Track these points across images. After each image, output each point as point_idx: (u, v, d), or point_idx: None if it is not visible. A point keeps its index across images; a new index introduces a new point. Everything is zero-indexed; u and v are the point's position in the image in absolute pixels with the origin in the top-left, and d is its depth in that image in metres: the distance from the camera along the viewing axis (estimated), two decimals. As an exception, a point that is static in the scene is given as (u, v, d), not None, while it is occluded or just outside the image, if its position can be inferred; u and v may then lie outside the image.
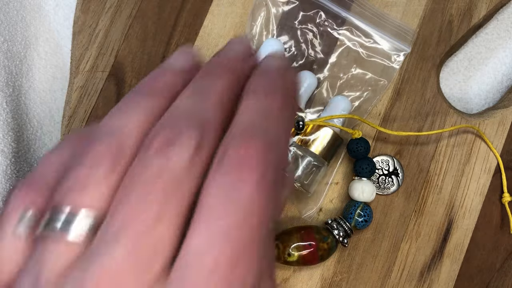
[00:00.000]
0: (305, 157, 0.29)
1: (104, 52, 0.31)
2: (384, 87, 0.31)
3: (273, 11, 0.31)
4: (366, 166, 0.29)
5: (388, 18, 0.31)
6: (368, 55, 0.31)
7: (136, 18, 0.31)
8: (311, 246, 0.28)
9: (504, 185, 0.31)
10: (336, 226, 0.29)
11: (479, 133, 0.31)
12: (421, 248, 0.30)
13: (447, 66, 0.34)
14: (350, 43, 0.31)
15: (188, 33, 0.31)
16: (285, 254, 0.28)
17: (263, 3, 0.31)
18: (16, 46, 0.29)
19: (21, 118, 0.29)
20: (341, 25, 0.31)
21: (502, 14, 0.34)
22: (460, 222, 0.31)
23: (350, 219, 0.29)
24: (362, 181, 0.29)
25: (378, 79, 0.31)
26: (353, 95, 0.31)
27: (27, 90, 0.30)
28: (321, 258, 0.28)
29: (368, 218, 0.29)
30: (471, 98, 0.35)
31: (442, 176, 0.31)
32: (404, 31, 0.31)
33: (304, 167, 0.29)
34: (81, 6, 0.31)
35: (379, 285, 0.30)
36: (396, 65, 0.31)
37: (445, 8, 0.32)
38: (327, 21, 0.31)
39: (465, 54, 0.35)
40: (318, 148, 0.29)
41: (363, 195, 0.29)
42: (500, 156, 0.31)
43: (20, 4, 0.30)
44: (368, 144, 0.29)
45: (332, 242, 0.29)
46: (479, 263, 0.31)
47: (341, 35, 0.31)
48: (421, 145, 0.31)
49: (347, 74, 0.31)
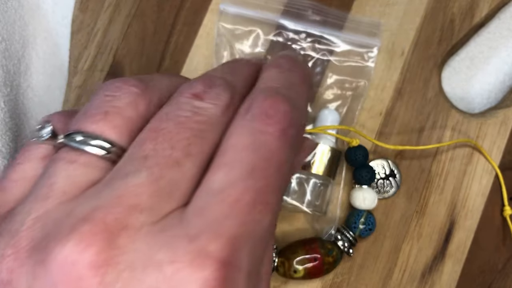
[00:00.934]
0: (309, 179, 0.28)
1: (102, 51, 0.30)
2: (366, 88, 0.30)
3: (236, 45, 0.30)
4: (366, 174, 0.29)
5: (349, 17, 0.31)
6: (340, 60, 0.31)
7: (135, 17, 0.31)
8: (316, 259, 0.28)
9: (504, 198, 0.30)
10: (340, 237, 0.29)
11: (476, 146, 0.31)
12: (422, 249, 0.30)
13: (448, 66, 0.34)
14: (319, 55, 0.31)
15: (187, 32, 0.31)
16: (291, 271, 0.28)
17: (224, 41, 0.30)
18: (14, 45, 0.29)
19: (19, 117, 0.29)
20: (305, 39, 0.31)
21: (504, 13, 0.34)
22: (462, 223, 0.30)
23: (355, 228, 0.29)
24: (363, 189, 0.29)
25: (356, 81, 0.30)
26: (337, 103, 0.30)
27: (25, 90, 0.30)
28: (326, 271, 0.28)
29: (372, 226, 0.29)
30: (473, 97, 0.35)
31: (443, 176, 0.31)
32: (369, 26, 0.30)
33: (312, 189, 0.28)
34: (79, 5, 0.30)
35: (380, 286, 0.30)
36: (371, 62, 0.30)
37: (446, 7, 0.32)
38: (290, 40, 0.31)
39: (467, 53, 0.34)
40: (319, 168, 0.28)
41: (365, 203, 0.29)
42: (502, 156, 0.31)
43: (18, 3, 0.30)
44: (366, 151, 0.29)
45: (337, 255, 0.28)
46: (481, 264, 0.31)
47: (308, 50, 0.31)
48: (422, 145, 0.31)
49: (324, 85, 0.30)
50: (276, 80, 0.18)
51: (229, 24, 0.30)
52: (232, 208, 0.14)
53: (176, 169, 0.15)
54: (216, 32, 0.30)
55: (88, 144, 0.16)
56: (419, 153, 0.31)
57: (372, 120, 0.31)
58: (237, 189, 0.14)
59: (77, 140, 0.16)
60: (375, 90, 0.31)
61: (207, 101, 0.16)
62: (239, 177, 0.14)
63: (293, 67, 0.19)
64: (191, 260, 0.13)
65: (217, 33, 0.30)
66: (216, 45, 0.30)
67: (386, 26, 0.31)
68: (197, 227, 0.14)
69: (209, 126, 0.16)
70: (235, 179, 0.14)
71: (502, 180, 0.31)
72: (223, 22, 0.30)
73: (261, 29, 0.31)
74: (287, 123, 0.16)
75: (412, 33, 0.31)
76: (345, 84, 0.30)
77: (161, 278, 0.13)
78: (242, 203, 0.14)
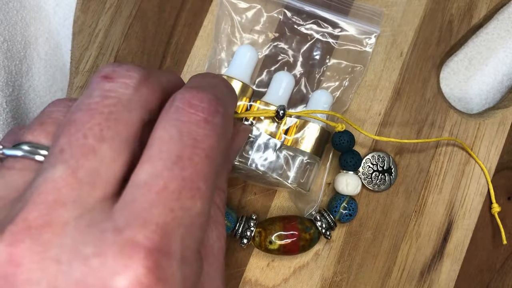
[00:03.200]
0: (296, 156, 0.28)
1: (104, 52, 0.31)
2: (361, 73, 0.31)
3: (237, 18, 0.31)
4: (350, 160, 0.29)
5: (353, 3, 0.31)
6: (339, 44, 0.31)
7: (136, 18, 0.31)
8: (293, 236, 0.28)
9: (492, 196, 0.31)
10: (319, 218, 0.29)
11: (463, 146, 0.31)
12: (421, 248, 0.30)
13: (447, 66, 0.34)
14: (319, 36, 0.31)
15: (188, 33, 0.31)
16: (266, 241, 0.28)
17: (226, 13, 0.31)
18: (16, 46, 0.29)
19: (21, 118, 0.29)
20: (307, 20, 0.31)
21: (502, 14, 0.34)
22: (461, 222, 0.31)
23: (335, 212, 0.29)
24: (347, 174, 0.29)
25: (353, 65, 0.31)
26: (332, 85, 0.31)
27: (27, 90, 0.30)
28: (302, 248, 0.28)
29: (353, 212, 0.29)
30: (471, 98, 0.35)
31: (442, 176, 0.31)
32: (371, 13, 0.31)
33: (298, 166, 0.28)
34: (81, 6, 0.31)
35: (379, 285, 0.30)
36: (369, 48, 0.31)
37: (445, 8, 0.32)
38: (291, 19, 0.31)
39: (466, 54, 0.35)
40: (308, 145, 0.29)
41: (347, 188, 0.29)
42: (500, 156, 0.31)
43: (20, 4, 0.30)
44: (352, 137, 0.29)
45: (315, 233, 0.29)
46: (479, 263, 0.31)
47: (308, 30, 0.31)
48: (421, 145, 0.31)
49: (322, 66, 0.31)
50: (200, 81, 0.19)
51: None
52: (159, 196, 0.14)
53: (92, 156, 0.15)
54: (218, 3, 0.31)
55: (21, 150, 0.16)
56: (418, 153, 0.31)
57: (371, 120, 0.31)
58: (163, 178, 0.14)
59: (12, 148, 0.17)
60: (374, 91, 0.31)
61: (118, 80, 0.16)
62: (165, 167, 0.15)
63: (217, 76, 0.20)
64: (118, 251, 0.13)
65: (220, 4, 0.31)
66: (218, 17, 0.31)
67: (385, 26, 0.31)
68: (124, 219, 0.14)
69: (121, 107, 0.16)
70: (161, 169, 0.15)
71: (489, 178, 0.31)
72: None
73: (264, 6, 0.31)
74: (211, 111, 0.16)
75: (411, 34, 0.31)
76: (342, 67, 0.31)
77: (87, 271, 0.13)
78: (168, 190, 0.14)
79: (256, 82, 0.31)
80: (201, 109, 0.16)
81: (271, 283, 0.30)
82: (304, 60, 0.31)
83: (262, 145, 0.28)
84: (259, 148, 0.28)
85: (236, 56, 0.29)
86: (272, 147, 0.28)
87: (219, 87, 0.19)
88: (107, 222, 0.14)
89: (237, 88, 0.28)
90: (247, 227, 0.28)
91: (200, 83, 0.19)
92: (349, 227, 0.30)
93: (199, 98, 0.16)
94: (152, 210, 0.14)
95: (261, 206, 0.30)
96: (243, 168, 0.28)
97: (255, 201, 0.30)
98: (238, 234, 0.28)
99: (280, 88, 0.29)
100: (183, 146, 0.15)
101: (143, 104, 0.17)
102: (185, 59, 0.31)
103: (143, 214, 0.14)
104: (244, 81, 0.28)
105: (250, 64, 0.29)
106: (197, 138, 0.16)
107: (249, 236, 0.28)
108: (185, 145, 0.15)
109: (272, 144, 0.28)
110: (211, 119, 0.16)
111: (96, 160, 0.15)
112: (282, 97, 0.29)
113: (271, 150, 0.28)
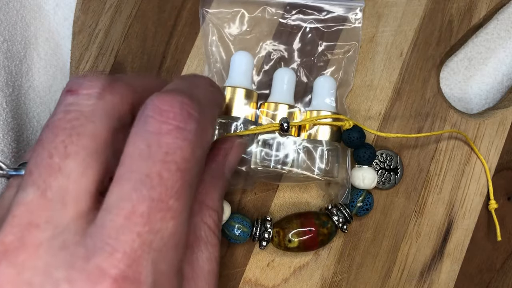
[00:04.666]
0: (316, 147, 0.28)
1: (104, 52, 0.31)
2: (357, 49, 0.31)
3: (222, 27, 0.31)
4: (363, 154, 0.29)
5: None
6: (328, 26, 0.31)
7: (136, 18, 0.31)
8: (311, 232, 0.28)
9: (490, 192, 0.31)
10: (336, 212, 0.29)
11: (466, 139, 0.31)
12: (421, 248, 0.30)
13: (447, 66, 0.34)
14: (307, 24, 0.31)
15: (188, 33, 0.31)
16: (286, 240, 0.28)
17: (210, 25, 0.31)
18: (16, 46, 0.29)
19: (21, 118, 0.29)
20: (291, 11, 0.31)
21: (502, 14, 0.34)
22: (460, 222, 0.31)
23: (352, 206, 0.29)
24: (363, 169, 0.29)
25: (347, 44, 0.31)
26: (332, 69, 0.31)
27: (27, 90, 0.30)
28: (321, 243, 0.29)
29: (370, 206, 0.29)
30: (471, 98, 0.35)
31: (442, 176, 0.31)
32: None
33: (320, 156, 0.28)
34: (81, 6, 0.31)
35: (379, 285, 0.30)
36: (358, 23, 0.31)
37: (445, 8, 0.32)
38: (276, 14, 0.31)
39: (465, 54, 0.35)
40: (325, 134, 0.29)
41: (364, 182, 0.29)
42: (500, 156, 0.31)
43: (20, 4, 0.30)
44: (361, 132, 0.28)
45: (332, 227, 0.29)
46: (479, 263, 0.31)
47: (295, 21, 0.31)
48: (421, 145, 0.31)
49: (317, 53, 0.31)
50: (178, 83, 0.18)
51: (212, 8, 0.31)
52: (126, 221, 0.14)
53: (58, 175, 0.14)
54: (200, 18, 0.31)
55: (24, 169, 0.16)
56: (418, 153, 0.31)
57: (371, 121, 0.31)
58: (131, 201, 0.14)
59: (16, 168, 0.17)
60: (374, 91, 0.31)
61: (80, 92, 0.16)
62: (133, 188, 0.14)
63: (197, 76, 0.19)
64: (86, 278, 0.13)
65: (202, 18, 0.31)
66: (203, 31, 0.31)
67: (385, 26, 0.31)
68: (93, 245, 0.14)
69: (84, 120, 0.15)
70: (128, 191, 0.14)
71: (489, 174, 0.31)
72: (205, 7, 0.31)
73: (245, 9, 0.31)
74: (184, 116, 0.15)
75: (410, 34, 0.31)
76: (336, 49, 0.31)
77: None
78: (136, 214, 0.14)
79: (256, 85, 0.31)
80: (173, 116, 0.15)
81: (271, 283, 0.30)
82: (299, 52, 0.31)
83: (282, 145, 0.28)
84: (278, 148, 0.28)
85: (233, 65, 0.29)
86: (291, 144, 0.28)
87: (200, 88, 0.18)
88: (78, 246, 0.14)
89: (242, 95, 0.28)
90: (264, 229, 0.28)
91: (178, 85, 0.17)
92: (349, 227, 0.30)
93: (169, 102, 0.15)
94: (119, 237, 0.14)
95: (262, 206, 0.30)
96: (270, 172, 0.28)
97: (255, 201, 0.30)
98: (256, 238, 0.28)
99: (283, 84, 0.29)
100: (152, 163, 0.14)
101: (110, 112, 0.16)
102: (185, 59, 0.31)
103: (110, 241, 0.14)
104: (246, 87, 0.29)
105: (248, 69, 0.29)
106: (168, 151, 0.15)
107: (267, 238, 0.28)
108: (154, 160, 0.14)
109: (290, 142, 0.28)
110: (184, 126, 0.15)
111: (63, 178, 0.14)
112: (287, 93, 0.29)
113: (290, 147, 0.28)
